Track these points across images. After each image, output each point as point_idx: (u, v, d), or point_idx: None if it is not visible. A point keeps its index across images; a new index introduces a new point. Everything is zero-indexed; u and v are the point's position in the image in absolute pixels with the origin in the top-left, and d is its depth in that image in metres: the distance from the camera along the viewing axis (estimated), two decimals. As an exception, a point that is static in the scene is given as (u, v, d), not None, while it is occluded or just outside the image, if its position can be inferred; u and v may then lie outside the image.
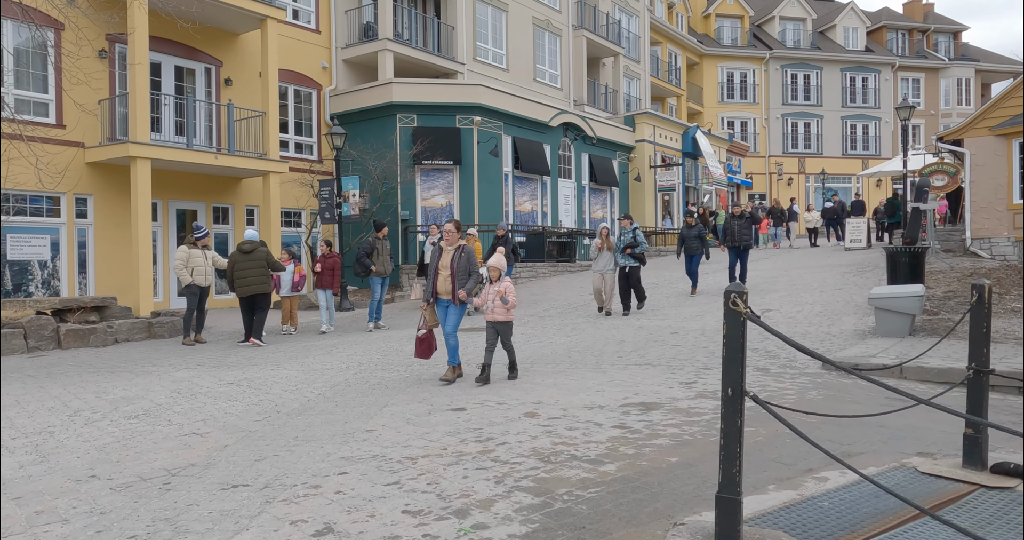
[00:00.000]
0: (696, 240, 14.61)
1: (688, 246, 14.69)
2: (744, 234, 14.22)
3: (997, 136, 17.46)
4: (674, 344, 9.48)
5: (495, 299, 7.19)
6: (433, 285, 7.38)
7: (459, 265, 7.29)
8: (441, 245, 7.46)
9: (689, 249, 14.69)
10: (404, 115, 19.42)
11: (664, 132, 28.02)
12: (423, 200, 19.60)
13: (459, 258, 7.31)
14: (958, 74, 43.83)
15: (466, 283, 7.30)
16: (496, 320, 7.23)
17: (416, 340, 7.42)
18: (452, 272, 7.27)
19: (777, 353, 8.51)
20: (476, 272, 7.40)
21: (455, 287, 7.26)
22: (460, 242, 7.47)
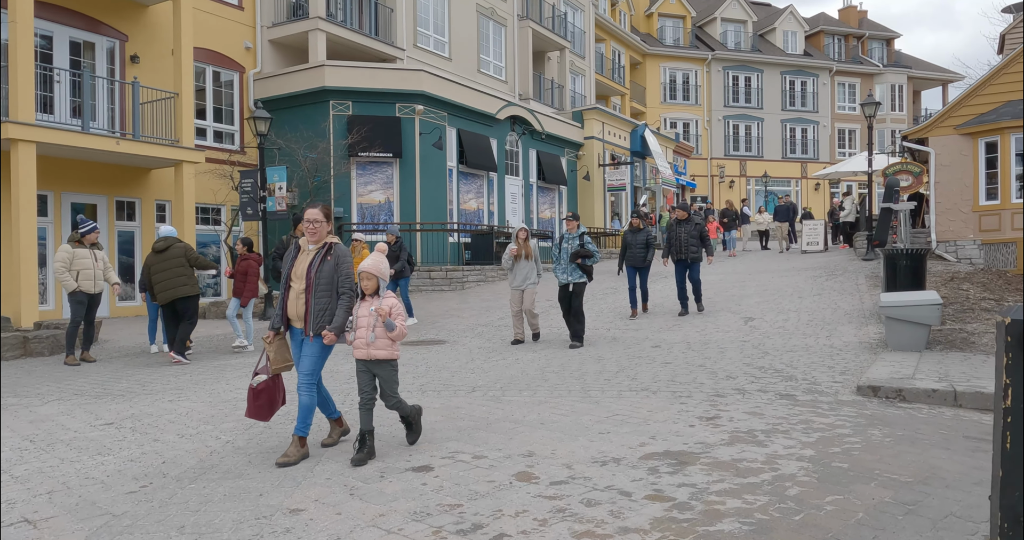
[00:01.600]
0: (642, 248, 11.62)
1: (632, 255, 11.70)
2: (691, 244, 11.50)
3: (963, 135, 16.85)
4: (663, 361, 8.07)
5: (371, 323, 4.57)
6: (283, 305, 4.76)
7: (321, 275, 4.63)
8: (300, 243, 4.86)
9: (633, 260, 11.68)
10: (338, 102, 17.57)
11: (613, 130, 26.89)
12: (359, 196, 17.78)
13: (321, 264, 4.65)
14: (892, 80, 44.43)
15: (330, 305, 4.65)
16: (372, 357, 4.59)
17: (249, 392, 4.77)
18: (308, 286, 4.63)
19: (789, 372, 7.18)
20: (350, 290, 4.70)
21: (310, 311, 4.61)
22: (329, 239, 4.78)
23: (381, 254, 4.72)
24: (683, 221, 11.75)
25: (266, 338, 4.78)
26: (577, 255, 9.60)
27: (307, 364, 4.68)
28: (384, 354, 4.61)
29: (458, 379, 7.39)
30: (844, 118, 44.31)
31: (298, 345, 4.78)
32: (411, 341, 10.55)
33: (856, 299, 12.02)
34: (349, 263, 4.73)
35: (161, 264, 9.34)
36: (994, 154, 16.38)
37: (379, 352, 4.60)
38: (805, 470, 4.09)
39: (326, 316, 4.64)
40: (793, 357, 8.02)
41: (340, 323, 4.62)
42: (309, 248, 4.77)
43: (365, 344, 4.58)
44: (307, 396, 4.65)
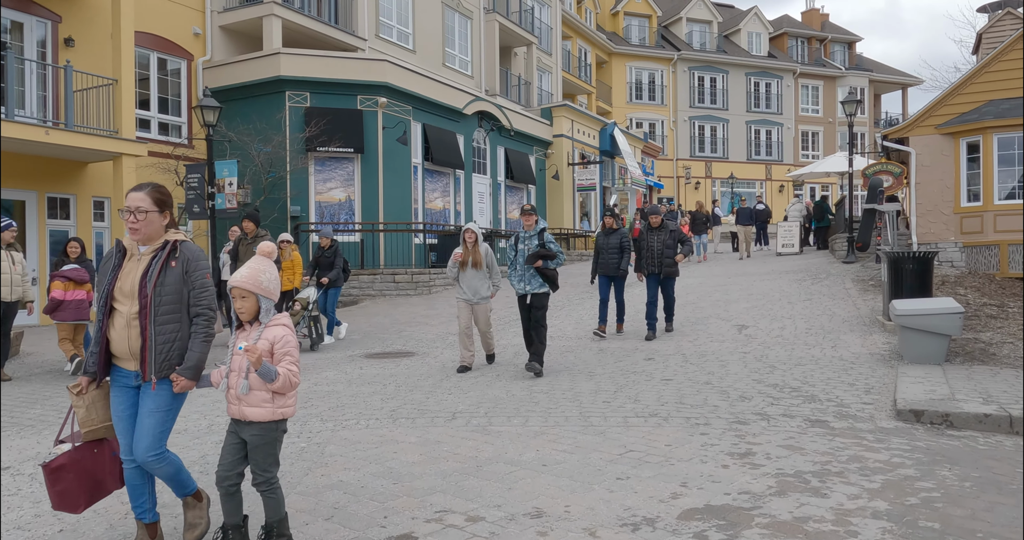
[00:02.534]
0: (616, 253, 10.05)
1: (604, 262, 10.14)
2: (667, 255, 9.82)
3: (944, 135, 16.44)
4: (663, 377, 7.21)
5: (243, 367, 3.08)
6: (101, 337, 3.20)
7: (164, 290, 3.15)
8: (125, 244, 3.29)
9: (605, 267, 10.12)
10: (295, 93, 16.39)
11: (582, 128, 26.13)
12: (318, 194, 16.63)
13: (162, 273, 3.17)
14: (853, 83, 44.65)
15: (181, 334, 3.19)
16: (243, 416, 3.10)
17: (44, 472, 3.19)
18: (144, 306, 3.12)
19: (807, 391, 6.37)
20: (208, 309, 3.23)
21: (150, 344, 3.12)
22: (170, 236, 3.26)
23: (264, 259, 3.17)
24: (656, 228, 9.97)
25: (74, 388, 3.18)
26: (536, 257, 7.72)
27: (149, 428, 3.10)
28: (259, 413, 3.05)
29: (434, 402, 6.41)
30: (807, 120, 44.38)
31: (129, 397, 3.20)
32: (376, 353, 9.53)
33: (850, 305, 11.36)
34: (205, 269, 3.25)
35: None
36: (976, 154, 15.99)
37: (252, 410, 3.06)
38: (891, 534, 3.24)
39: (175, 351, 3.17)
40: (805, 372, 7.24)
41: (197, 361, 3.16)
42: (139, 252, 3.22)
43: (236, 397, 3.10)
44: (160, 459, 3.13)
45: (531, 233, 7.97)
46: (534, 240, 7.91)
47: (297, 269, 10.47)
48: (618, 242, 10.16)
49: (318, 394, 6.93)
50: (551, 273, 7.82)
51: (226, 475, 3.10)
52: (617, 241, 10.14)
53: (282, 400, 3.10)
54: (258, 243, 8.48)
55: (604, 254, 10.18)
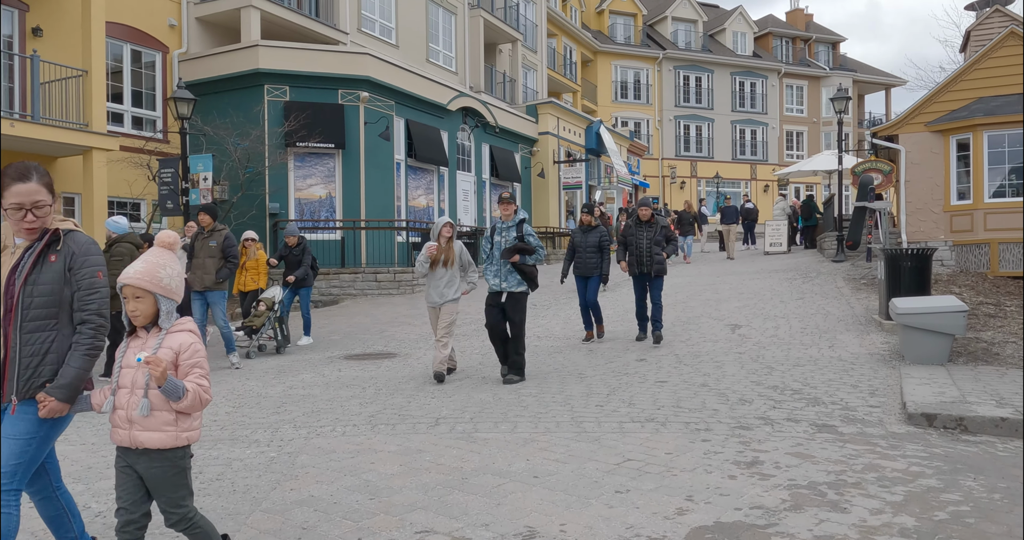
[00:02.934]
0: (594, 253, 9.25)
1: (581, 262, 9.27)
2: (655, 253, 8.82)
3: (933, 132, 16.27)
4: (656, 379, 6.87)
5: (141, 381, 2.51)
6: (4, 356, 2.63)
7: (36, 290, 2.62)
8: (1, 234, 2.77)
9: (582, 267, 9.26)
10: (274, 86, 15.92)
11: (568, 126, 25.82)
12: (298, 190, 16.17)
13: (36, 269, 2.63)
14: (838, 83, 44.67)
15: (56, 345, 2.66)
16: (137, 444, 2.51)
17: None
18: (10, 309, 2.60)
19: (810, 393, 6.06)
20: (97, 315, 2.68)
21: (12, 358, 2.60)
22: (64, 223, 2.74)
23: (164, 251, 2.62)
24: (646, 222, 8.94)
25: None
26: (512, 251, 6.89)
27: (8, 456, 2.52)
28: (160, 439, 2.49)
29: (416, 406, 6.03)
30: (792, 120, 44.39)
31: None
32: (356, 355, 9.12)
33: (844, 304, 11.11)
34: (95, 265, 2.68)
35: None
36: (966, 152, 15.84)
37: (150, 436, 2.48)
38: (924, 555, 2.90)
39: (47, 365, 2.61)
40: (804, 373, 6.93)
41: (73, 378, 2.59)
42: (14, 245, 2.66)
43: (127, 420, 2.49)
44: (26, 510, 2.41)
45: (509, 224, 7.12)
46: (512, 232, 7.07)
47: (262, 269, 10.01)
48: (596, 241, 9.25)
49: (292, 398, 6.53)
50: (530, 270, 7.04)
51: (130, 519, 2.51)
52: (596, 240, 9.24)
53: (187, 422, 2.53)
54: (216, 238, 8.05)
55: (581, 253, 9.28)
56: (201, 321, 8.22)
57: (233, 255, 8.41)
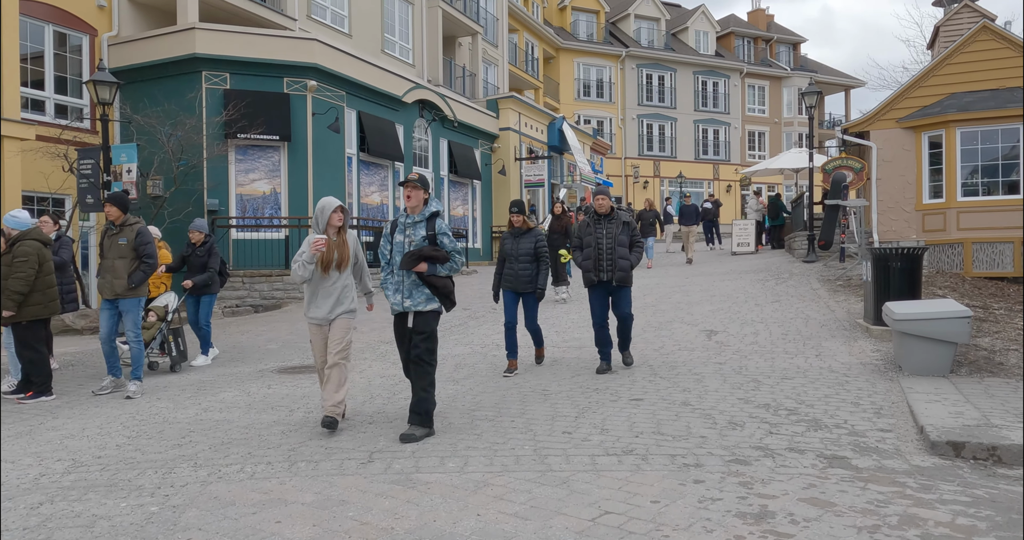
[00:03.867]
0: (527, 263, 7.33)
1: (512, 274, 7.38)
2: (619, 256, 7.08)
3: (905, 129, 15.80)
4: (630, 396, 6.01)
5: None
6: None
7: None
8: None
9: (513, 280, 7.37)
10: (213, 73, 14.73)
11: (530, 121, 24.97)
12: (239, 186, 14.99)
13: None
14: (798, 84, 44.66)
15: None
16: None
17: None
18: None
19: (807, 413, 5.26)
20: None
21: None
22: None
23: None
24: (606, 217, 7.22)
25: None
26: (415, 259, 4.97)
27: None
28: None
29: (348, 436, 5.07)
30: (754, 120, 44.26)
31: None
32: (292, 367, 8.10)
33: (823, 307, 10.42)
34: None
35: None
36: (938, 149, 15.39)
37: None
38: None
39: None
40: (795, 388, 6.14)
41: None
42: None
43: None
44: None
45: (416, 219, 5.08)
46: (420, 230, 5.04)
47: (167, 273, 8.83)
48: (531, 247, 7.35)
49: (203, 425, 5.50)
50: (441, 283, 5.07)
51: None
52: (530, 245, 7.36)
53: None
54: (127, 235, 6.93)
55: (512, 263, 7.41)
56: (109, 335, 7.04)
57: (148, 254, 7.15)
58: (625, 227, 7.20)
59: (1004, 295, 11.10)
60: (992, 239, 14.68)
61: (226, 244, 14.37)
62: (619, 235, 7.12)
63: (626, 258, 7.10)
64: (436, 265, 5.07)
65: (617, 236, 7.11)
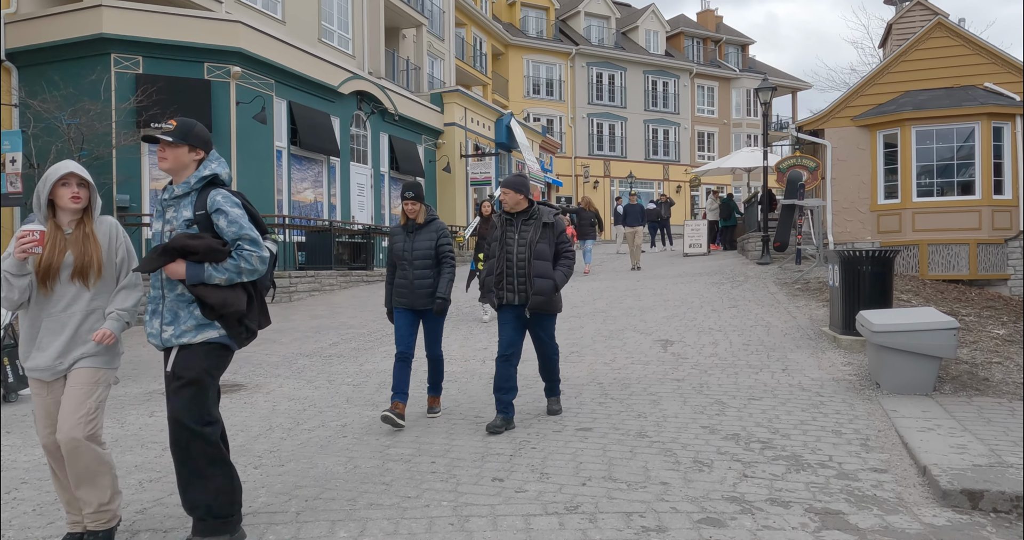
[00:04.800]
0: (427, 267, 5.43)
1: (405, 284, 5.44)
2: (539, 269, 5.18)
3: (860, 127, 15.37)
4: (576, 424, 5.12)
5: None
6: None
7: None
8: None
9: (408, 293, 5.43)
10: (123, 56, 13.36)
11: (477, 117, 24.01)
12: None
13: None
14: (747, 85, 44.80)
15: None
16: None
17: None
18: None
19: (784, 446, 4.45)
20: None
21: None
22: None
23: None
24: (521, 216, 5.28)
25: None
26: (168, 253, 3.06)
27: None
28: None
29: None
30: (703, 121, 44.15)
31: None
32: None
33: (783, 313, 9.73)
34: None
35: None
36: (893, 148, 14.99)
37: None
38: None
39: None
40: (766, 411, 5.33)
41: None
42: None
43: None
44: None
45: (178, 192, 3.19)
46: (185, 210, 3.14)
47: None
48: (431, 246, 5.38)
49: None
50: (215, 298, 3.07)
51: None
52: (429, 244, 5.40)
53: None
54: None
55: (406, 270, 5.40)
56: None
57: None
58: (546, 231, 5.19)
59: (967, 299, 10.61)
60: (948, 241, 14.33)
61: (138, 244, 13.04)
62: (537, 242, 5.11)
63: (546, 275, 5.11)
64: (205, 265, 3.06)
65: (534, 243, 5.10)
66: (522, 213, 5.27)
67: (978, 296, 11.11)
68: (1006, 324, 8.59)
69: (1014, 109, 14.14)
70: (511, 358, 5.15)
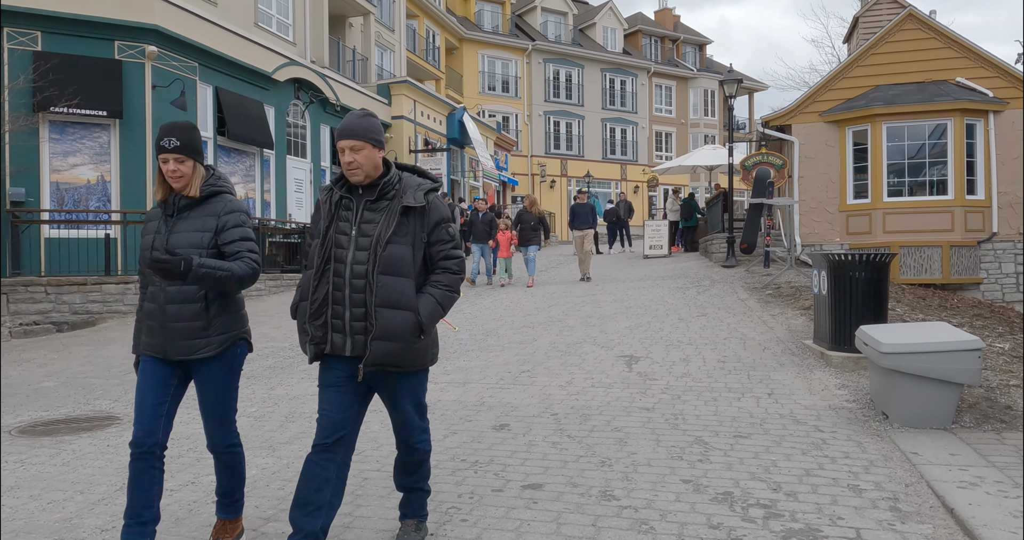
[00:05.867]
0: (192, 288, 2.98)
1: (154, 323, 2.99)
2: (382, 294, 2.80)
3: (829, 123, 14.61)
4: (523, 479, 3.99)
5: None
6: None
7: None
8: None
9: (158, 334, 2.97)
10: (19, 30, 11.80)
11: (427, 111, 22.76)
12: (56, 171, 12.11)
13: None
14: (705, 85, 44.40)
15: None
16: None
17: None
18: None
19: (794, 513, 3.39)
20: None
21: None
22: None
23: None
24: (367, 194, 2.94)
25: None
26: None
27: None
28: None
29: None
30: (661, 120, 43.58)
31: None
32: (40, 424, 5.62)
33: (758, 322, 8.76)
34: None
35: None
36: (863, 145, 14.26)
37: None
38: None
39: None
40: (758, 455, 4.28)
41: None
42: None
43: None
44: None
45: None
46: None
47: None
48: (202, 240, 3.01)
49: None
50: None
51: None
52: (199, 236, 3.03)
53: None
54: None
55: (155, 301, 3.02)
56: None
57: None
58: (407, 221, 2.90)
59: (951, 307, 9.81)
60: (920, 243, 13.63)
61: (36, 244, 11.50)
62: (387, 240, 2.84)
63: (402, 303, 2.82)
64: None
65: (381, 242, 2.83)
66: (369, 189, 2.91)
67: (961, 303, 10.34)
68: (1003, 336, 7.75)
69: (988, 105, 13.52)
70: (334, 450, 2.84)
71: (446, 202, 6.59)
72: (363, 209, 2.89)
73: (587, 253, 14.50)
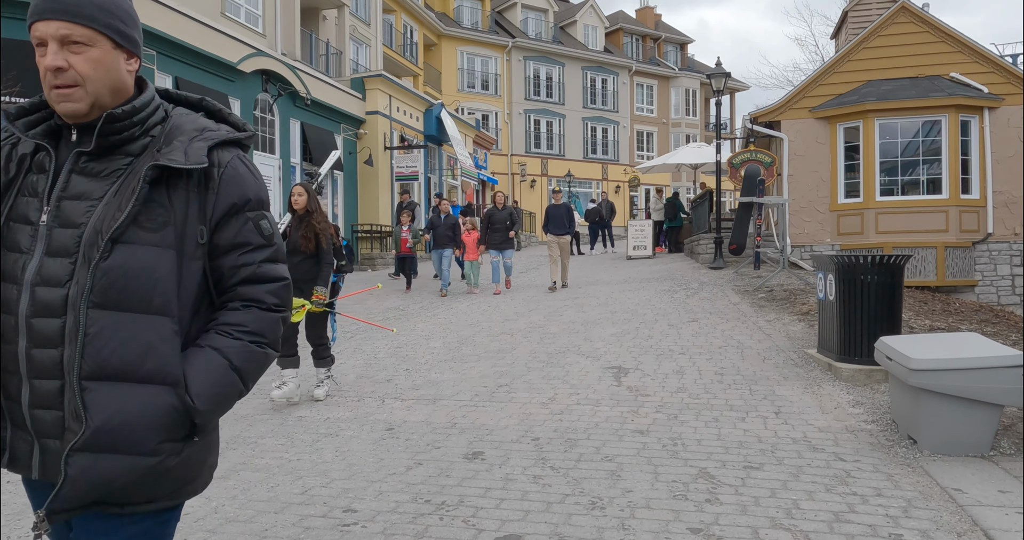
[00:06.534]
0: None
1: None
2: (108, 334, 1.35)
3: (819, 119, 14.08)
4: (498, 527, 3.30)
5: None
6: None
7: None
8: None
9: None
10: (-44, 13, 10.92)
11: (404, 107, 22.00)
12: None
13: None
14: (686, 84, 44.03)
15: None
16: None
17: None
18: None
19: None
20: None
21: None
22: None
23: None
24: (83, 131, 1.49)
25: None
26: None
27: None
28: None
29: None
30: (642, 120, 43.12)
31: None
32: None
33: (754, 329, 8.15)
34: None
35: None
36: (855, 142, 13.74)
37: None
38: None
39: None
40: (775, 492, 3.63)
41: None
42: None
43: None
44: None
45: None
46: None
47: None
48: None
49: None
50: None
51: None
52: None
53: None
54: None
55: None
56: None
57: None
58: (184, 198, 1.46)
59: (956, 311, 9.27)
60: (914, 243, 13.12)
61: None
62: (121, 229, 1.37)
63: (146, 370, 1.39)
64: None
65: (107, 229, 1.37)
66: (90, 130, 1.49)
67: (964, 307, 9.81)
68: (1018, 344, 7.19)
69: (983, 101, 13.05)
70: None
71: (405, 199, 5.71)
72: (71, 170, 1.46)
73: (564, 257, 12.61)
